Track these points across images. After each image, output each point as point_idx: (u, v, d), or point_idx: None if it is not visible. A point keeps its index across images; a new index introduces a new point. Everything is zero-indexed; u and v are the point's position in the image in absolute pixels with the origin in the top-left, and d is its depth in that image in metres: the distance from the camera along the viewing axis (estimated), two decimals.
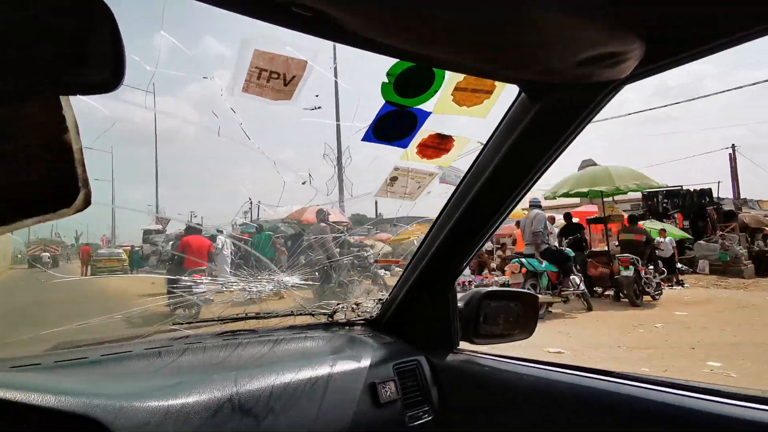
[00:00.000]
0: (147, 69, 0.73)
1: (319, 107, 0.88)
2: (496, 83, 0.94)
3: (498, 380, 1.18)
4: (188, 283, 1.49)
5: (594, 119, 0.93)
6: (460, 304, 1.34)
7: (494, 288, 1.40)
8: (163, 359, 1.10)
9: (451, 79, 0.92)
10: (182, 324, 1.27)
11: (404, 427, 1.13)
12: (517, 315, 1.39)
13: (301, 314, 1.44)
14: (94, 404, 0.81)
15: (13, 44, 0.42)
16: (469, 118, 1.00)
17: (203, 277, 1.48)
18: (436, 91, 0.93)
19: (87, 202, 0.54)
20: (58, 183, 0.52)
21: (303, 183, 1.09)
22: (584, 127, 0.93)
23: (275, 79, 0.78)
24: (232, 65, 0.74)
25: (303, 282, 1.45)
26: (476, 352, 1.32)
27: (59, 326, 1.27)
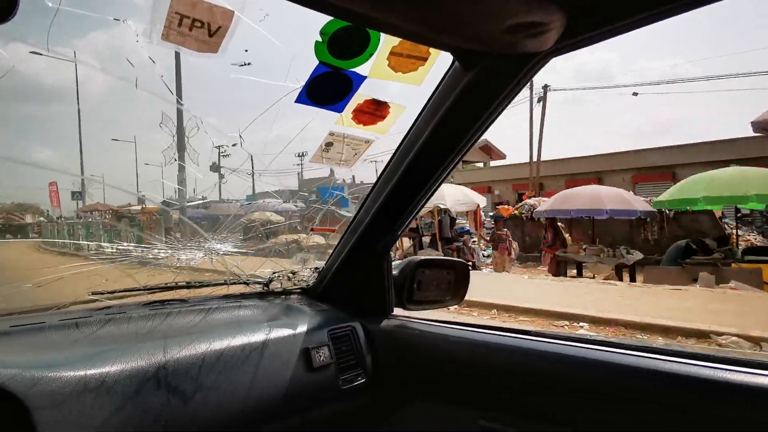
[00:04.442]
0: (49, 5, 0.65)
1: (248, 63, 0.84)
2: (431, 50, 0.94)
3: (429, 342, 1.23)
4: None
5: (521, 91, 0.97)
6: (395, 272, 1.37)
7: (428, 257, 1.45)
8: (82, 330, 1.03)
9: (387, 42, 0.91)
10: (102, 294, 1.20)
11: (338, 390, 1.15)
12: (449, 282, 1.44)
13: (234, 283, 1.40)
14: (3, 374, 0.75)
15: None
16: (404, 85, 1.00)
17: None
18: (372, 55, 0.92)
19: None
20: None
21: (234, 145, 1.05)
22: (513, 97, 0.97)
23: (199, 28, 0.73)
24: (147, 9, 0.69)
25: (236, 250, 1.41)
26: (409, 317, 1.36)
27: None
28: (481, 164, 32.42)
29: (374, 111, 1.05)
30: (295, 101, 0.96)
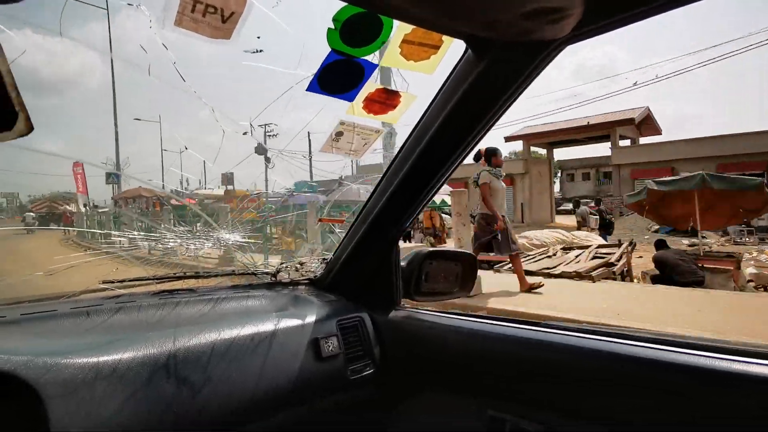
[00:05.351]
0: None
1: (260, 50, 0.83)
2: (444, 38, 0.93)
3: (436, 333, 1.23)
4: None
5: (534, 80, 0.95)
6: (402, 263, 1.37)
7: (436, 248, 1.44)
8: (93, 319, 1.04)
9: (399, 30, 0.90)
10: (113, 283, 1.20)
11: (346, 380, 1.16)
12: (457, 274, 1.44)
13: (243, 273, 1.41)
14: (15, 361, 0.76)
15: None
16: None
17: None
18: (384, 42, 0.91)
19: (29, 127, 0.51)
20: None
21: (244, 133, 1.04)
22: (527, 86, 0.95)
23: (212, 13, 0.72)
24: None
25: (244, 240, 1.41)
26: (417, 308, 1.36)
27: None
28: (627, 142, 27.25)
29: (385, 100, 1.05)
30: (307, 89, 0.96)
